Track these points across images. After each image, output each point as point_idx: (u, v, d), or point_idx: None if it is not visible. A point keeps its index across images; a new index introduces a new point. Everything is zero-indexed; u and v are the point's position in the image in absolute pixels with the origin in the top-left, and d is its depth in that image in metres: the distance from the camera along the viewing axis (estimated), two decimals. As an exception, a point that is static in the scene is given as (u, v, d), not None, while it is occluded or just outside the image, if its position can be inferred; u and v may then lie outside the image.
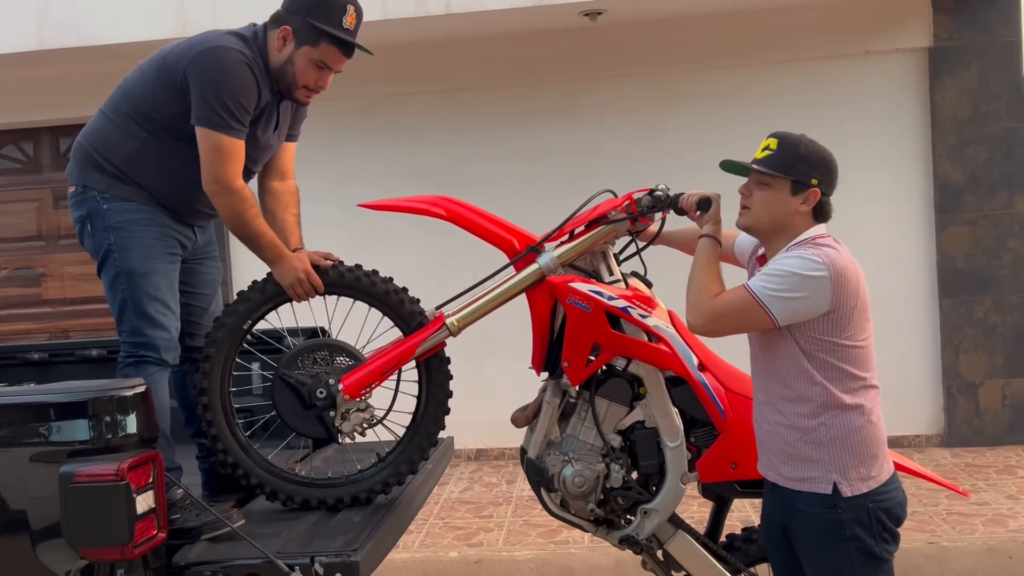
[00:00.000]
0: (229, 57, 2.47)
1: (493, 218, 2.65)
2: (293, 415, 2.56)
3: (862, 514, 2.16)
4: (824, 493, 2.17)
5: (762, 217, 2.24)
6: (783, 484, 2.26)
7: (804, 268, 2.13)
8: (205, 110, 2.45)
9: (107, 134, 2.60)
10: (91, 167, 2.60)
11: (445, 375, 2.68)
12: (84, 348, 3.72)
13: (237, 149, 2.50)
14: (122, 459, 2.00)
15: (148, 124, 2.57)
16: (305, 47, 2.54)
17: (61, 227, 6.63)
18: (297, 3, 2.55)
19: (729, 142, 5.87)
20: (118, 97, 2.63)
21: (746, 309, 2.16)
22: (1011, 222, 5.80)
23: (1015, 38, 5.73)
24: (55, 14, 5.46)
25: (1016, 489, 4.97)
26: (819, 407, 2.18)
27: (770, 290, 2.14)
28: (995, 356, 5.84)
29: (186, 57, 2.49)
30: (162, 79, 2.53)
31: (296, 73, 2.57)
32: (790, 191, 2.22)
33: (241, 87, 2.47)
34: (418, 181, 6.11)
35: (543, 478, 2.62)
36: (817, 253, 2.15)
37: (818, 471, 2.19)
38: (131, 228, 2.55)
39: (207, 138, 2.47)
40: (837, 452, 2.18)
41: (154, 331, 2.54)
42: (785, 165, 2.21)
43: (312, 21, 2.52)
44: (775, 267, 2.18)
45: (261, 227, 2.56)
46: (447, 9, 5.24)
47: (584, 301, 2.51)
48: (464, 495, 5.46)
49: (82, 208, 2.60)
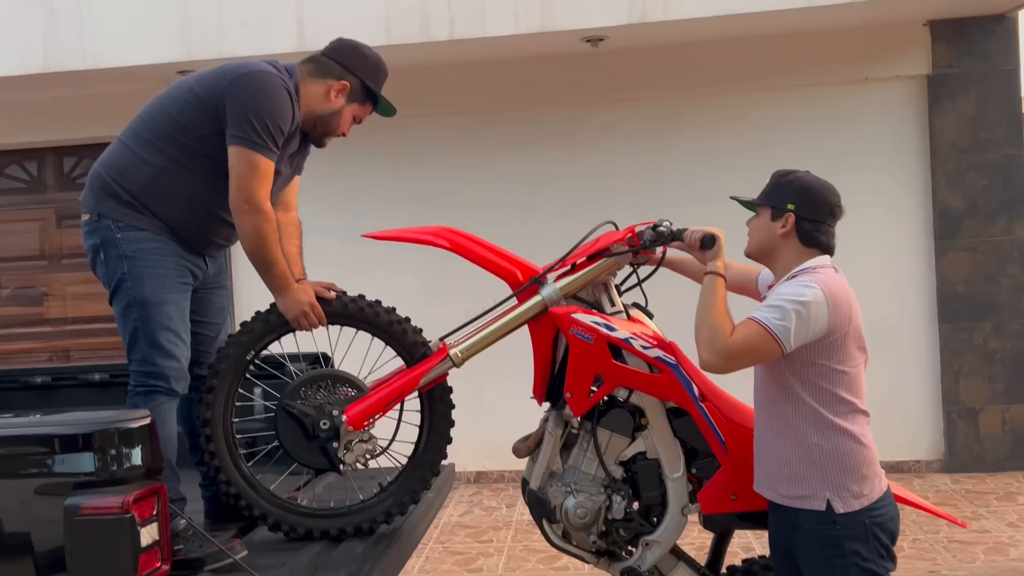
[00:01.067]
0: (272, 81, 2.56)
1: (496, 249, 2.67)
2: (296, 446, 2.57)
3: (859, 530, 2.25)
4: (819, 510, 2.27)
5: (752, 243, 2.44)
6: (781, 503, 2.35)
7: (801, 294, 2.24)
8: (244, 129, 2.51)
9: (125, 162, 2.63)
10: (107, 195, 2.62)
11: (448, 405, 2.69)
12: (87, 372, 3.73)
13: (269, 170, 2.57)
14: (127, 492, 2.00)
15: (171, 148, 2.59)
16: (355, 104, 2.74)
17: (64, 247, 6.66)
18: (357, 65, 2.72)
19: (730, 167, 5.94)
20: (137, 125, 2.67)
21: (760, 342, 2.24)
22: (1010, 248, 5.82)
23: (1013, 67, 5.79)
24: (62, 37, 5.51)
25: (1017, 517, 4.97)
26: (811, 429, 2.29)
27: (776, 319, 2.23)
28: (995, 382, 5.85)
29: (226, 79, 2.55)
30: (193, 100, 2.57)
31: (340, 123, 2.74)
32: (770, 217, 2.39)
33: (281, 111, 2.56)
34: (420, 204, 6.16)
35: (545, 509, 2.63)
36: (811, 279, 2.28)
37: (812, 489, 2.29)
38: (145, 257, 2.57)
39: (243, 157, 2.52)
40: (830, 471, 2.28)
41: (165, 361, 2.56)
42: (766, 194, 2.44)
43: (368, 83, 2.72)
44: (776, 296, 2.28)
45: (278, 254, 2.59)
46: (450, 35, 5.30)
47: (587, 332, 2.53)
48: (464, 519, 5.45)
49: (96, 236, 2.63)
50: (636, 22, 5.19)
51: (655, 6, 5.17)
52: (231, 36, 5.39)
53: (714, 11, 5.15)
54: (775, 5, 5.12)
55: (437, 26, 5.29)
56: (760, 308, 2.28)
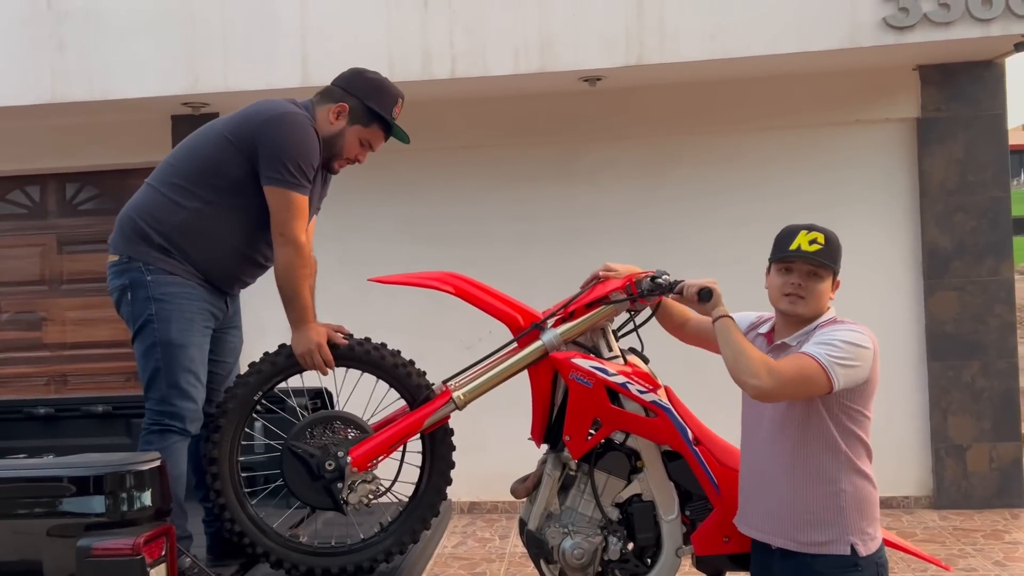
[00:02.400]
0: (301, 122, 2.68)
1: (498, 295, 2.75)
2: (301, 486, 2.62)
3: (873, 570, 2.36)
4: (844, 555, 2.33)
5: (812, 307, 2.41)
6: (799, 550, 2.37)
7: (858, 340, 2.32)
8: (278, 170, 2.63)
9: (157, 205, 2.72)
10: (139, 239, 2.70)
11: (449, 447, 2.75)
12: (90, 404, 3.78)
13: (304, 205, 2.70)
14: (138, 533, 2.06)
15: (203, 191, 2.69)
16: (357, 125, 2.80)
17: (64, 272, 6.71)
18: (355, 86, 2.80)
19: (723, 205, 6.07)
20: (167, 170, 2.76)
21: (812, 374, 2.28)
22: (997, 288, 5.93)
23: (1000, 111, 5.93)
24: (70, 68, 5.59)
25: (1003, 555, 5.03)
26: (841, 474, 2.36)
27: (833, 357, 2.28)
28: (982, 420, 5.93)
29: (255, 122, 2.66)
30: (224, 145, 2.68)
31: (344, 146, 2.80)
32: (831, 282, 2.44)
33: (311, 150, 2.68)
34: (418, 237, 6.24)
35: (543, 550, 2.69)
36: (860, 328, 2.37)
37: (838, 534, 2.35)
38: (173, 301, 2.65)
39: (280, 196, 2.65)
40: (853, 515, 2.36)
41: (183, 402, 2.63)
42: (832, 258, 2.42)
43: (369, 104, 2.77)
44: (831, 338, 2.32)
45: (301, 288, 2.68)
46: (451, 73, 5.41)
47: (586, 377, 2.61)
48: (457, 550, 5.48)
49: (124, 277, 2.70)
50: (633, 63, 5.31)
51: (652, 48, 5.29)
52: (236, 71, 5.49)
53: (709, 54, 5.27)
54: (768, 49, 5.25)
55: (439, 64, 5.40)
56: (812, 346, 2.32)
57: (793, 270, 2.41)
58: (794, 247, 2.38)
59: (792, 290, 2.40)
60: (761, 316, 2.62)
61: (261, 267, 2.86)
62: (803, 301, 2.40)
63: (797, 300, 2.40)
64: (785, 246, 2.41)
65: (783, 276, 2.42)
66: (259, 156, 2.63)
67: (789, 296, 2.41)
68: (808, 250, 2.37)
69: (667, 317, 2.82)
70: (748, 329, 2.60)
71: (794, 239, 2.39)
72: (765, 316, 2.60)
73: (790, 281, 2.40)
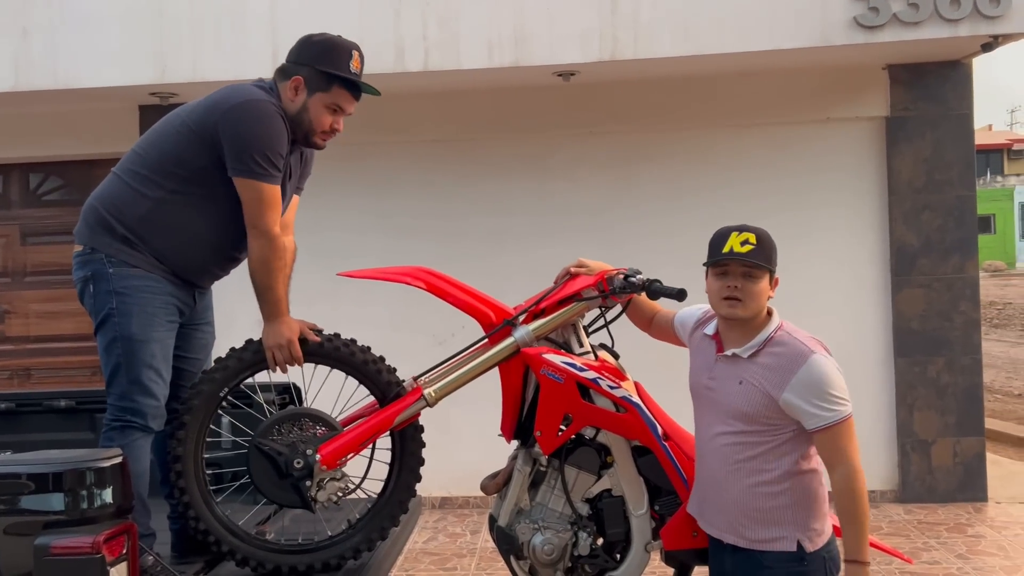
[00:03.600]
0: (266, 109, 2.58)
1: (470, 291, 2.74)
2: (268, 484, 2.59)
3: (820, 565, 2.38)
4: (791, 551, 2.36)
5: (752, 308, 2.41)
6: (747, 546, 2.41)
7: (837, 375, 2.37)
8: (245, 161, 2.54)
9: (121, 195, 2.65)
10: (102, 229, 2.64)
11: (419, 443, 2.74)
12: (52, 399, 3.71)
13: (275, 195, 2.62)
14: (98, 531, 2.01)
15: (168, 181, 2.62)
16: (318, 93, 2.67)
17: (28, 264, 6.58)
18: (304, 54, 2.69)
19: (694, 201, 6.10)
20: (131, 159, 2.69)
21: (854, 433, 2.37)
22: (963, 286, 6.03)
23: (967, 111, 6.01)
24: (34, 56, 5.47)
25: (966, 548, 5.12)
26: (787, 473, 2.39)
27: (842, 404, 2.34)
28: (947, 415, 6.03)
29: (218, 111, 2.57)
30: (187, 134, 2.60)
31: (312, 119, 2.69)
32: (768, 281, 2.42)
33: (277, 137, 2.58)
34: (391, 229, 6.20)
35: (513, 546, 2.69)
36: (820, 348, 2.38)
37: (784, 531, 2.38)
38: (134, 294, 2.59)
39: (249, 188, 2.57)
40: (800, 513, 2.39)
41: (144, 398, 2.58)
42: (767, 258, 2.40)
43: (321, 68, 2.65)
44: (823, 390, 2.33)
45: (277, 281, 2.62)
46: (425, 66, 5.37)
47: (557, 372, 2.60)
48: (428, 546, 5.47)
49: (87, 269, 2.64)
50: (607, 59, 5.30)
51: (625, 44, 5.29)
52: (205, 60, 5.41)
53: (682, 51, 5.29)
54: (740, 47, 5.27)
55: (412, 57, 5.36)
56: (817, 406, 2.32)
57: (728, 273, 2.40)
58: (726, 249, 2.38)
59: (729, 293, 2.40)
60: (707, 311, 2.62)
61: (233, 259, 2.79)
62: (741, 304, 2.39)
63: (735, 303, 2.40)
64: (718, 249, 2.40)
65: (720, 280, 2.42)
66: (224, 147, 2.56)
67: (728, 300, 2.40)
68: (740, 251, 2.37)
69: (636, 313, 2.84)
70: (695, 326, 2.63)
71: (726, 242, 2.39)
72: (710, 312, 2.59)
73: (726, 284, 2.40)
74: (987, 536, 5.32)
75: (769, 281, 2.42)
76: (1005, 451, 7.56)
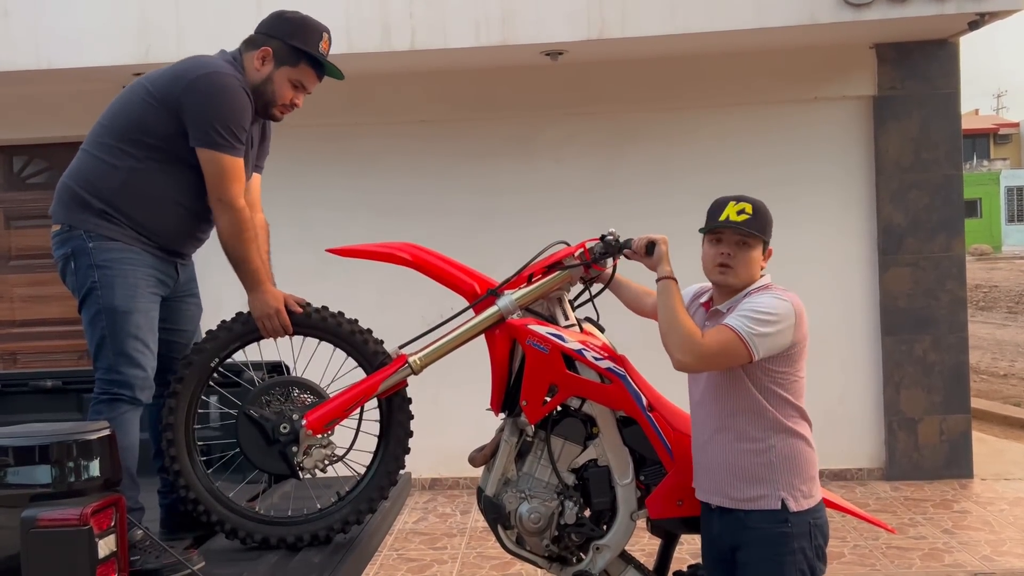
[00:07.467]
0: (228, 82, 2.58)
1: (455, 264, 2.74)
2: (256, 451, 2.59)
3: (805, 529, 2.43)
4: (775, 509, 2.41)
5: (742, 276, 2.47)
6: (733, 506, 2.47)
7: (777, 307, 2.38)
8: (208, 133, 2.54)
9: (92, 169, 2.64)
10: (77, 206, 2.63)
11: (407, 414, 2.74)
12: (38, 379, 3.69)
13: (239, 167, 2.62)
14: (85, 504, 1.99)
15: (137, 150, 2.61)
16: (284, 67, 2.70)
17: (12, 248, 6.53)
18: (276, 28, 2.71)
19: (682, 180, 6.10)
20: (99, 131, 2.67)
21: (732, 347, 2.36)
22: (949, 265, 6.06)
23: (953, 90, 6.03)
24: (15, 36, 5.42)
25: (952, 523, 5.17)
26: (769, 432, 2.44)
27: (752, 329, 2.35)
28: (933, 393, 6.07)
29: (182, 82, 2.57)
30: (151, 102, 2.59)
31: (275, 91, 2.71)
32: (761, 250, 2.49)
33: (241, 109, 2.59)
34: (377, 210, 6.19)
35: (500, 515, 2.70)
36: (783, 295, 2.42)
37: (768, 489, 2.43)
38: (115, 267, 2.58)
39: (211, 160, 2.57)
40: (785, 472, 2.43)
41: (131, 370, 2.57)
42: (761, 228, 2.47)
43: (292, 43, 2.68)
44: (752, 308, 2.39)
45: (251, 252, 2.63)
46: (411, 45, 5.34)
47: (542, 343, 2.61)
48: (418, 526, 5.48)
49: (66, 246, 2.63)
50: (595, 38, 5.29)
51: (613, 23, 5.28)
52: (189, 39, 5.36)
53: (670, 29, 5.27)
54: (728, 25, 5.27)
55: (398, 36, 5.33)
56: (734, 316, 2.39)
57: (723, 240, 2.47)
58: (723, 218, 2.45)
59: (722, 260, 2.46)
60: (703, 286, 2.69)
61: (211, 221, 2.76)
62: (732, 271, 2.47)
63: (727, 270, 2.47)
64: (715, 217, 2.47)
65: (714, 247, 2.49)
66: (187, 118, 2.55)
67: (720, 267, 2.47)
68: (736, 220, 2.44)
69: (624, 291, 2.87)
70: (692, 299, 2.68)
71: (723, 210, 2.46)
72: (707, 286, 2.66)
73: (720, 251, 2.47)
74: (973, 512, 5.37)
75: (763, 251, 2.49)
76: (991, 430, 7.62)
